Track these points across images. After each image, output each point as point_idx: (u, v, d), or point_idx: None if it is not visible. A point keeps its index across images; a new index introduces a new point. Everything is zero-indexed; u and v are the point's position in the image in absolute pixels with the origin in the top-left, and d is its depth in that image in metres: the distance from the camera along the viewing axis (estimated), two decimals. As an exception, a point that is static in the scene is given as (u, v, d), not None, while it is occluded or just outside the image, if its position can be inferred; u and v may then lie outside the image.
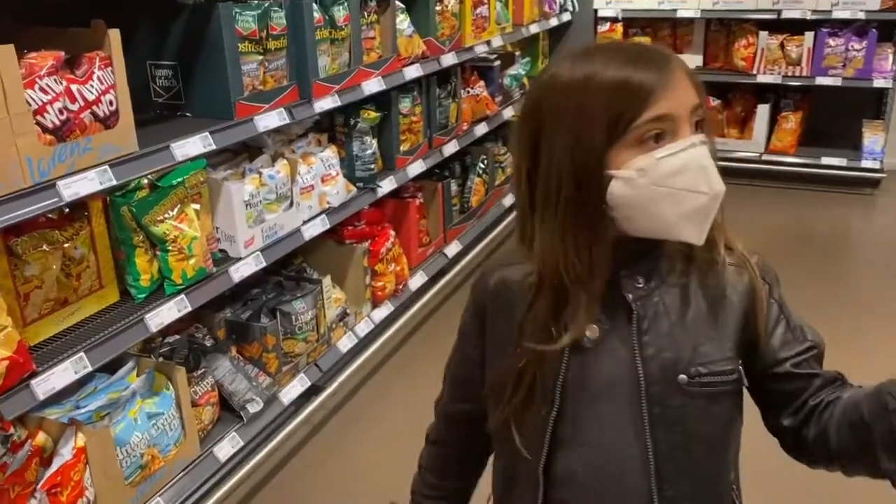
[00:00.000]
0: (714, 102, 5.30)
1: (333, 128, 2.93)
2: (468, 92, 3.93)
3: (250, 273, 2.31)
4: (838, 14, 4.81)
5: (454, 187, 3.95)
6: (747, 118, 5.32)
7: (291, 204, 2.52)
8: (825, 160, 5.10)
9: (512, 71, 4.39)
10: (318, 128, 2.87)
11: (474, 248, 4.10)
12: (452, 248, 3.80)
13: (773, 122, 5.23)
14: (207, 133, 2.09)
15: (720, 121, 5.31)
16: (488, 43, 3.94)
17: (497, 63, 4.21)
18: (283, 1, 2.38)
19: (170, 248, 2.04)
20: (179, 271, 2.06)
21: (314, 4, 2.49)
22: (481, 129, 4.03)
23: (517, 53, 4.55)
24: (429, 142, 3.49)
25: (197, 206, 2.16)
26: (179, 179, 2.09)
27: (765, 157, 5.22)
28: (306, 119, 2.64)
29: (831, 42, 4.89)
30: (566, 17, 5.26)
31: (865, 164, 5.02)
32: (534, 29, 4.62)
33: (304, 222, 2.60)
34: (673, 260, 1.03)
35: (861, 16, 4.78)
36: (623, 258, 1.01)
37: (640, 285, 1.02)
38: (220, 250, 2.30)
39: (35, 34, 1.80)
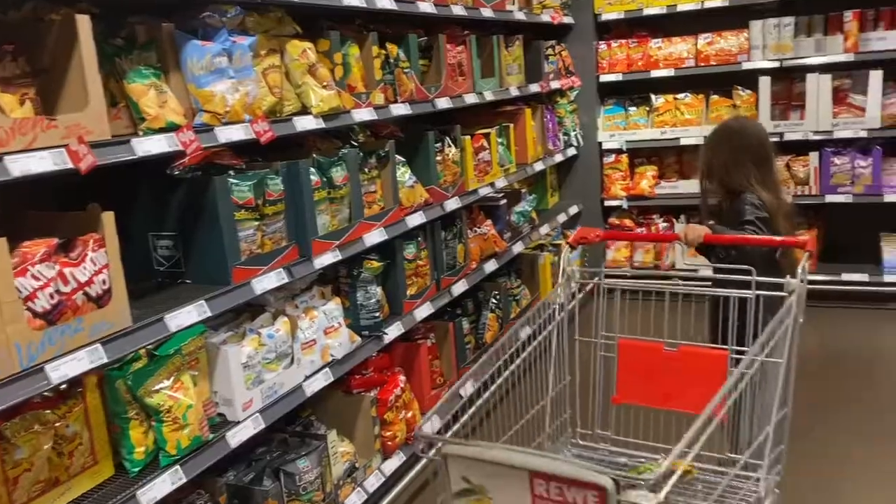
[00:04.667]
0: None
1: (338, 279, 2.98)
2: (475, 231, 4.00)
3: (249, 436, 2.28)
4: (840, 134, 4.89)
5: (466, 325, 3.94)
6: (762, 238, 5.30)
7: (292, 361, 2.53)
8: (846, 276, 5.02)
9: (519, 208, 4.47)
10: (323, 280, 2.92)
11: (490, 385, 4.02)
12: (468, 388, 3.74)
13: (789, 240, 5.20)
14: (203, 301, 2.13)
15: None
16: (492, 185, 4.04)
17: (503, 202, 4.31)
18: (280, 168, 2.48)
19: (164, 418, 2.04)
20: (174, 441, 2.05)
21: (311, 168, 2.60)
22: (491, 266, 4.06)
23: (523, 191, 4.66)
24: (437, 283, 3.52)
25: (195, 373, 2.17)
26: (176, 347, 2.12)
27: (784, 277, 5.15)
28: (308, 276, 2.68)
29: (836, 161, 4.93)
30: (571, 151, 5.41)
31: (888, 278, 4.93)
32: (538, 167, 4.74)
33: (306, 378, 2.59)
34: None
35: (863, 134, 4.84)
36: None
37: None
38: (219, 414, 2.29)
39: (35, 219, 1.90)
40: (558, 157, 5.16)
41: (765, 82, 5.02)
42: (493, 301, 4.16)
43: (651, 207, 5.61)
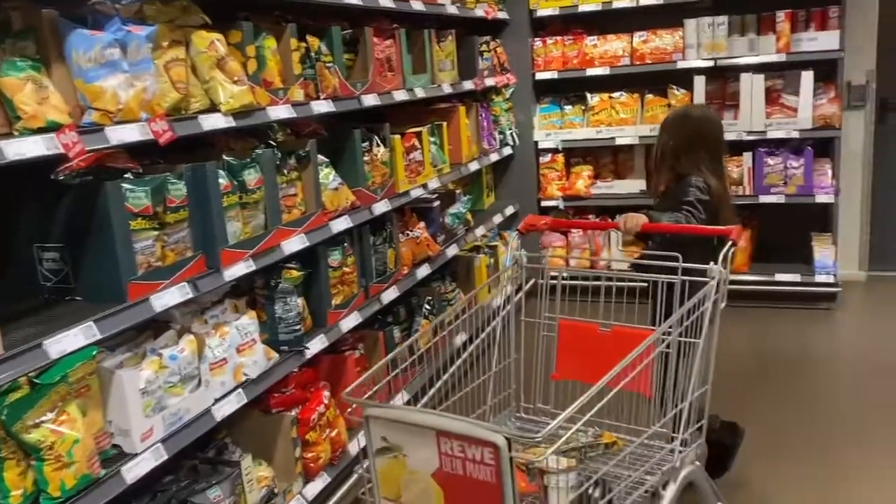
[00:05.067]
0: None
1: (253, 290, 2.76)
2: (407, 235, 3.82)
3: (148, 470, 2.06)
4: (773, 134, 4.89)
5: (398, 333, 3.76)
6: (697, 238, 5.28)
7: (199, 383, 2.31)
8: (779, 276, 5.04)
9: (453, 210, 4.31)
10: (237, 292, 2.70)
11: (426, 393, 3.87)
12: (400, 398, 3.57)
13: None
14: (91, 322, 1.90)
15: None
16: (424, 186, 3.87)
17: (437, 203, 4.14)
18: (183, 171, 2.26)
19: (46, 456, 1.80)
20: (57, 482, 1.81)
21: (220, 171, 2.38)
22: (424, 271, 3.89)
23: (458, 191, 4.50)
24: (365, 291, 3.33)
25: (84, 402, 1.93)
26: (62, 374, 1.87)
27: (719, 277, 5.14)
28: (218, 289, 2.46)
29: (770, 161, 4.93)
30: (507, 150, 5.29)
31: (819, 278, 4.97)
32: (473, 167, 4.59)
33: (216, 401, 2.38)
34: None
35: (795, 135, 4.85)
36: None
37: None
38: (114, 446, 2.06)
39: None
40: (494, 157, 5.02)
41: (699, 81, 4.98)
42: (427, 307, 3.99)
43: (587, 208, 5.53)
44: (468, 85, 4.53)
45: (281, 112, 2.68)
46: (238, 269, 2.44)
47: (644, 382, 2.15)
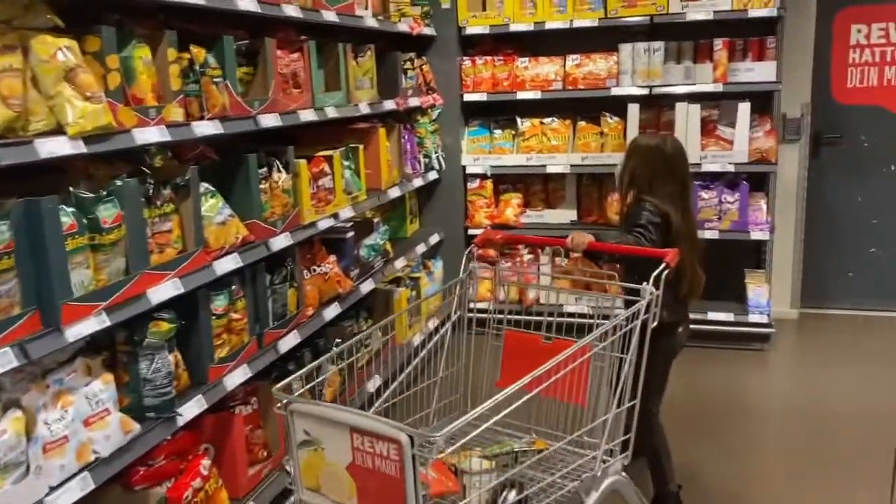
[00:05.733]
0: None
1: (114, 346, 2.32)
2: (314, 271, 3.42)
3: None
4: (708, 167, 4.69)
5: (297, 384, 3.34)
6: (629, 273, 5.05)
7: (27, 470, 1.86)
8: (712, 315, 4.84)
9: (370, 241, 3.93)
10: (94, 348, 2.25)
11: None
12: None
13: (656, 276, 4.97)
14: None
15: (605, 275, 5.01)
16: (335, 216, 3.48)
17: (350, 234, 3.75)
18: (11, 208, 1.81)
19: None
20: None
21: (64, 207, 1.94)
22: (334, 310, 3.50)
23: (377, 220, 4.11)
24: (258, 339, 2.91)
25: None
26: None
27: (651, 314, 4.91)
28: (59, 350, 2.01)
29: (704, 195, 4.73)
30: (433, 175, 4.94)
31: (753, 318, 4.78)
32: (394, 193, 4.23)
33: (52, 490, 1.92)
34: None
35: (730, 168, 4.67)
36: None
37: None
38: None
39: None
40: (418, 182, 4.67)
41: (633, 109, 4.76)
42: (336, 346, 3.58)
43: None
44: (389, 104, 4.17)
45: (151, 135, 2.26)
46: (86, 326, 2.00)
47: (579, 393, 2.30)
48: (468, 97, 5.08)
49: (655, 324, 2.33)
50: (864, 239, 5.36)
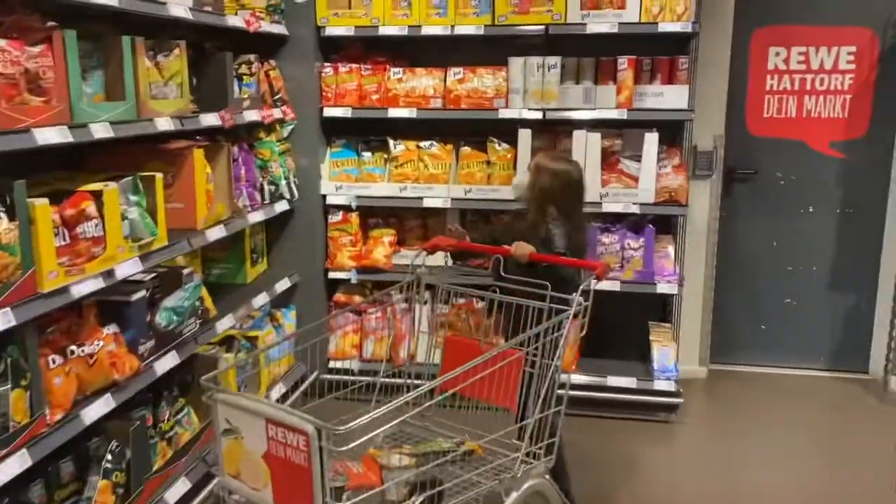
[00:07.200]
0: (479, 304, 4.20)
1: None
2: (71, 354, 2.43)
3: None
4: (610, 207, 3.96)
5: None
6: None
7: None
8: (612, 380, 4.10)
9: (172, 301, 2.95)
10: None
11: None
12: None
13: (548, 333, 4.20)
14: None
15: (487, 326, 4.20)
16: (109, 274, 2.51)
17: (140, 295, 2.76)
18: None
19: None
20: None
21: None
22: (102, 407, 2.51)
23: (187, 270, 3.12)
24: (-52, 473, 1.91)
25: None
26: None
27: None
28: None
29: (605, 240, 4.00)
30: (282, 206, 4.01)
31: (659, 384, 4.07)
32: (216, 234, 3.26)
33: None
34: None
35: (635, 209, 3.95)
36: None
37: None
38: None
39: None
40: (256, 217, 3.71)
41: (525, 136, 3.99)
42: (109, 458, 2.60)
43: (388, 282, 4.35)
44: (210, 119, 3.21)
45: None
46: None
47: (508, 397, 2.42)
48: (329, 112, 4.17)
49: (584, 333, 2.49)
50: (778, 288, 4.78)
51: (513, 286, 2.66)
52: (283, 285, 4.09)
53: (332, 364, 4.39)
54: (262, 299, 3.82)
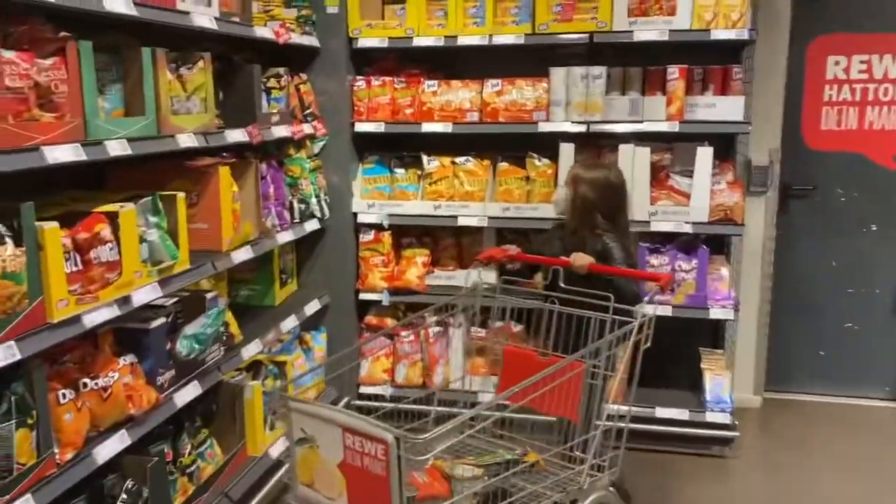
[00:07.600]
0: (516, 328, 3.97)
1: None
2: (84, 388, 2.27)
3: None
4: (659, 226, 3.71)
5: None
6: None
7: None
8: (661, 412, 3.83)
9: (192, 329, 2.77)
10: None
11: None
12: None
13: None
14: None
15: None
16: (125, 300, 2.34)
17: (159, 322, 2.59)
18: None
19: None
20: None
21: None
22: (117, 444, 2.34)
23: (212, 295, 2.94)
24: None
25: None
26: None
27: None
28: None
29: (654, 261, 3.75)
30: (312, 225, 3.83)
31: (711, 416, 3.79)
32: (242, 255, 3.09)
33: None
34: None
35: (687, 228, 3.69)
36: None
37: None
38: None
39: None
40: (286, 237, 3.54)
41: (567, 150, 3.76)
42: (126, 496, 2.43)
43: (421, 304, 4.14)
44: (236, 136, 3.05)
45: None
46: None
47: (570, 409, 2.43)
48: (361, 127, 4.00)
49: (648, 345, 2.43)
50: (838, 311, 4.47)
51: (571, 297, 2.64)
52: (312, 307, 3.91)
53: (362, 389, 4.19)
54: (291, 322, 3.64)
